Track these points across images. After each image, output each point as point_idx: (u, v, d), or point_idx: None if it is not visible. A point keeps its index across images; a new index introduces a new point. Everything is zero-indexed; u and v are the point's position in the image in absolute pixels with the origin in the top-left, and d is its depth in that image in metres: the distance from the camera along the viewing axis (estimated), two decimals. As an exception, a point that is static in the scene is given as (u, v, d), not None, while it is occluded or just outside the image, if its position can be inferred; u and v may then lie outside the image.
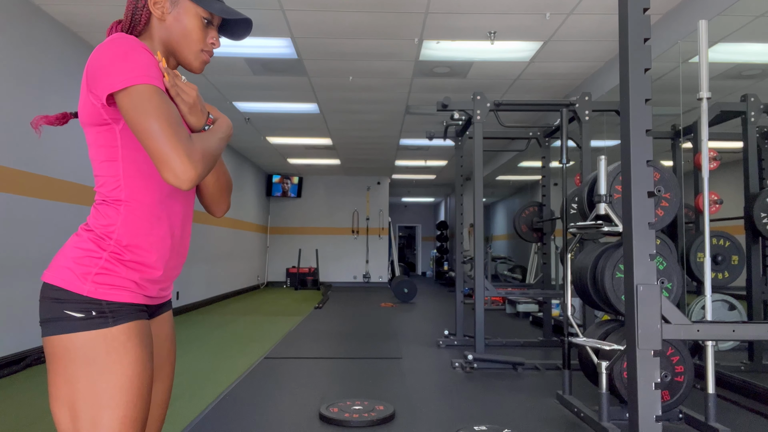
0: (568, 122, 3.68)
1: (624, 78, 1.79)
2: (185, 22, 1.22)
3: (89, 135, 1.18)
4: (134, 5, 1.22)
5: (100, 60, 1.10)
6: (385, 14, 4.51)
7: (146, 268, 1.17)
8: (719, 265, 4.11)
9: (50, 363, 1.11)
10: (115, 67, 1.08)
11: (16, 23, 4.18)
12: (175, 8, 1.22)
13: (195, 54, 1.25)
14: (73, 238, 1.18)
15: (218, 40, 1.28)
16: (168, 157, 1.05)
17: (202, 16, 1.23)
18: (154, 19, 1.22)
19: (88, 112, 1.14)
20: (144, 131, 1.06)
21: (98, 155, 1.17)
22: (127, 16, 1.23)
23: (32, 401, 3.29)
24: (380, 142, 9.59)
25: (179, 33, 1.23)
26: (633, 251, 1.74)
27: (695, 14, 3.98)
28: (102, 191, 1.18)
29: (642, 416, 1.69)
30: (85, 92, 1.14)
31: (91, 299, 1.11)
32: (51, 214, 4.59)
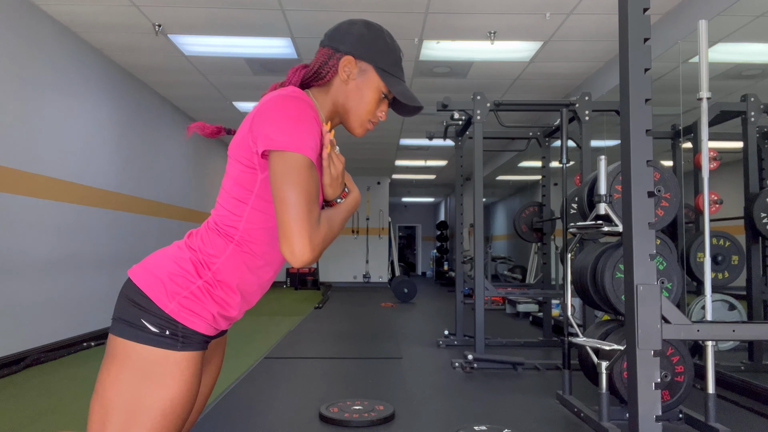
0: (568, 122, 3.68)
1: (624, 78, 1.79)
2: (365, 93, 1.25)
3: (232, 167, 1.19)
4: (325, 60, 1.24)
5: (274, 113, 1.12)
6: (385, 14, 4.51)
7: (228, 307, 1.19)
8: (719, 265, 4.10)
9: (107, 360, 1.13)
10: (284, 127, 1.10)
11: (16, 23, 4.18)
12: (360, 77, 1.24)
13: (362, 122, 1.28)
14: (174, 250, 1.18)
15: (385, 114, 1.31)
16: (292, 234, 1.06)
17: (382, 90, 1.26)
18: (337, 78, 1.25)
19: (241, 149, 1.16)
20: (281, 199, 1.08)
21: (231, 189, 1.18)
22: (313, 67, 1.25)
23: (32, 401, 3.29)
24: (380, 142, 9.59)
25: (356, 100, 1.25)
26: (633, 251, 1.74)
27: (695, 14, 3.98)
28: (219, 220, 1.19)
29: (642, 416, 1.69)
30: (246, 130, 1.15)
31: (171, 319, 1.12)
32: (51, 214, 4.59)
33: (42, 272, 4.49)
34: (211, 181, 9.01)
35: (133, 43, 5.20)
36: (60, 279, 4.74)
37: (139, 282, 1.14)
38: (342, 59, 1.23)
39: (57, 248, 4.69)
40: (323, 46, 1.27)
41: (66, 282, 4.83)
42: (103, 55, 5.48)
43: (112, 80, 5.67)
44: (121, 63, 5.76)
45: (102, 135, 5.48)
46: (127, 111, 5.99)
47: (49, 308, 4.58)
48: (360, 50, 1.24)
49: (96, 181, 5.35)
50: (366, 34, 1.25)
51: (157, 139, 6.83)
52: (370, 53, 1.24)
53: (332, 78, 1.25)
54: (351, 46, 1.24)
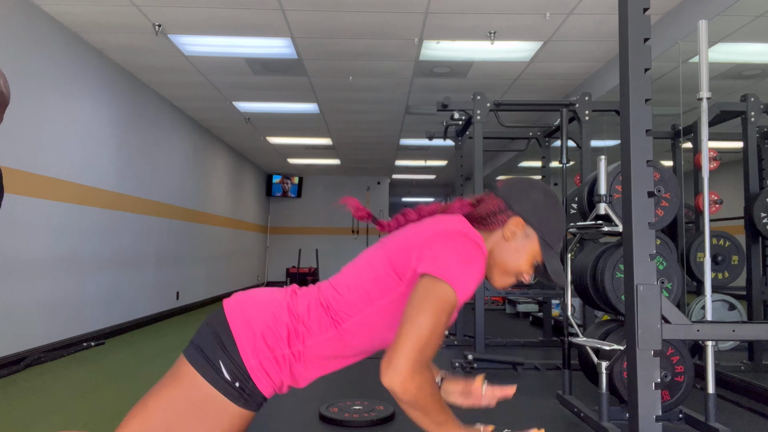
0: (568, 122, 3.68)
1: (624, 78, 1.79)
2: (522, 256, 1.26)
3: (379, 262, 1.19)
4: (495, 210, 1.26)
5: (452, 247, 1.13)
6: (385, 14, 4.51)
7: (298, 382, 1.21)
8: (719, 265, 4.10)
9: (170, 380, 1.13)
10: (453, 263, 1.11)
11: (16, 23, 4.18)
12: (523, 240, 1.25)
13: (505, 280, 1.29)
14: (275, 307, 1.18)
15: (530, 277, 1.31)
16: (400, 357, 1.05)
17: (537, 260, 1.26)
18: (500, 231, 1.25)
19: (400, 255, 1.16)
20: (410, 318, 1.07)
21: (366, 283, 1.18)
22: (481, 212, 1.26)
23: (32, 401, 3.29)
24: (380, 142, 9.59)
25: (510, 259, 1.26)
26: (633, 251, 1.74)
27: (695, 14, 3.98)
28: (333, 303, 1.18)
29: (642, 416, 1.69)
30: (416, 244, 1.15)
31: (246, 373, 1.12)
32: (51, 214, 4.59)
33: (42, 272, 4.49)
34: (211, 182, 9.01)
35: (133, 43, 5.20)
36: (60, 279, 4.73)
37: (233, 325, 1.13)
38: (512, 219, 1.24)
39: (57, 248, 4.69)
40: (497, 195, 1.28)
41: (66, 282, 4.82)
42: (103, 55, 5.48)
43: (112, 80, 5.67)
44: (121, 63, 5.76)
45: (102, 135, 5.48)
46: (127, 111, 5.99)
47: (49, 308, 4.58)
48: (531, 216, 1.25)
49: (96, 181, 5.35)
50: (542, 202, 1.27)
51: (157, 139, 6.82)
52: (540, 222, 1.25)
53: (495, 229, 1.26)
54: (525, 209, 1.25)
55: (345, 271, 1.23)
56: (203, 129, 8.59)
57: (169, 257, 7.15)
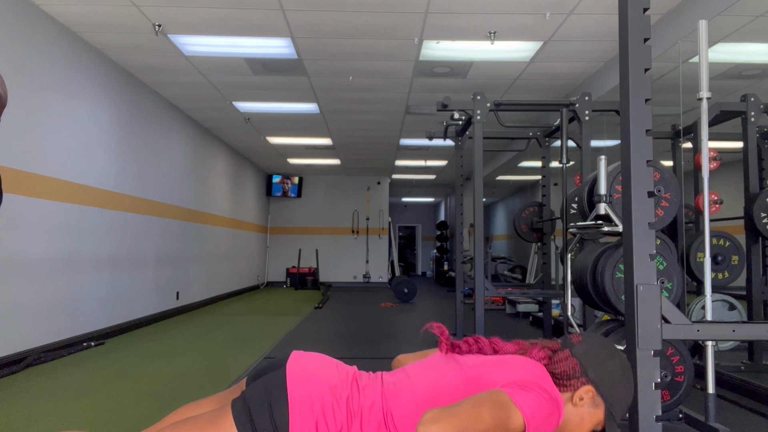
0: (568, 122, 3.68)
1: (624, 78, 1.79)
2: (586, 424, 1.26)
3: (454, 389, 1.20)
4: (570, 374, 1.26)
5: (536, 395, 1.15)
6: (385, 14, 4.51)
7: None
8: (719, 265, 4.10)
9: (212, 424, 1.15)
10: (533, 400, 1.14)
11: (16, 23, 4.18)
12: (590, 408, 1.26)
13: None
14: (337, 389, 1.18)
15: None
16: (443, 425, 1.06)
17: (597, 428, 1.27)
18: (569, 393, 1.26)
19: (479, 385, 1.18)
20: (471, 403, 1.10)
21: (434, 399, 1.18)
22: (555, 371, 1.27)
23: (32, 401, 3.29)
24: (380, 142, 9.59)
25: (573, 424, 1.26)
26: (633, 251, 1.74)
27: (695, 14, 3.98)
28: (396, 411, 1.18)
29: (642, 416, 1.69)
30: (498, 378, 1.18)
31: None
32: (51, 214, 4.59)
33: (42, 272, 4.49)
34: (211, 182, 9.01)
35: (133, 43, 5.20)
36: (60, 279, 4.73)
37: (292, 402, 1.13)
38: (585, 387, 1.24)
39: (57, 248, 4.69)
40: (574, 356, 1.28)
41: (66, 282, 4.82)
42: (103, 55, 5.48)
43: (112, 80, 5.67)
44: (121, 63, 5.76)
45: (102, 135, 5.48)
46: (126, 111, 5.99)
47: (49, 308, 4.58)
48: (605, 388, 1.25)
49: (96, 181, 5.35)
50: (619, 376, 1.27)
51: (157, 139, 6.82)
52: (612, 397, 1.25)
53: (565, 390, 1.26)
54: (600, 378, 1.25)
55: (413, 378, 1.20)
56: (203, 129, 8.59)
57: (169, 257, 7.15)
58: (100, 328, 5.35)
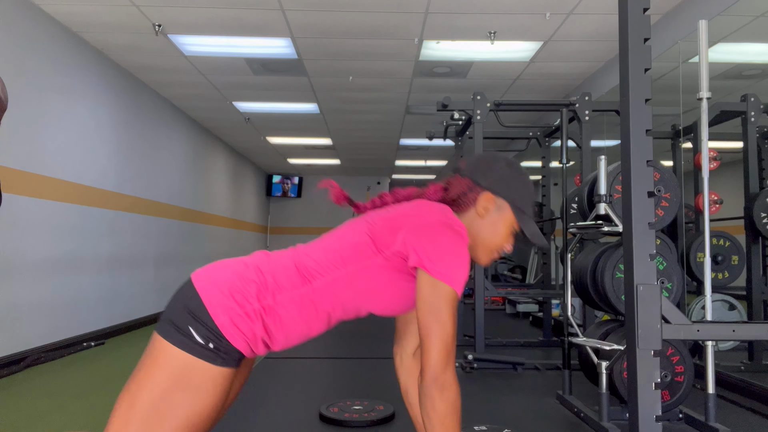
0: (568, 122, 3.68)
1: (624, 78, 1.79)
2: (499, 229, 1.29)
3: (359, 232, 1.23)
4: (465, 192, 1.28)
5: (438, 241, 1.16)
6: (385, 14, 4.51)
7: (272, 338, 1.21)
8: (719, 265, 4.10)
9: (147, 359, 1.14)
10: (448, 258, 1.16)
11: (16, 23, 4.18)
12: (497, 213, 1.28)
13: (490, 254, 1.32)
14: (241, 267, 1.21)
15: (512, 246, 1.34)
16: (437, 367, 1.16)
17: (515, 228, 1.29)
18: (473, 209, 1.28)
19: (382, 235, 1.20)
20: (430, 327, 1.16)
21: (343, 248, 1.22)
22: (452, 195, 1.29)
23: (32, 401, 3.29)
24: (380, 142, 9.59)
25: (489, 234, 1.29)
26: (633, 251, 1.74)
27: (695, 14, 3.98)
28: (307, 263, 1.21)
29: (642, 416, 1.69)
30: (398, 229, 1.19)
31: (218, 332, 1.13)
32: (51, 214, 4.59)
33: (42, 272, 4.48)
34: (211, 182, 9.01)
35: (133, 43, 5.20)
36: (60, 279, 4.73)
37: (199, 287, 1.15)
38: (482, 195, 1.27)
39: (57, 248, 4.69)
40: (462, 176, 1.30)
41: (66, 282, 4.82)
42: (103, 55, 5.48)
43: (112, 80, 5.67)
44: (121, 63, 5.76)
45: (102, 135, 5.48)
46: (126, 111, 5.99)
47: (49, 308, 4.58)
48: (500, 188, 1.28)
49: (96, 181, 5.35)
50: (507, 173, 1.30)
51: (156, 139, 6.82)
52: (510, 192, 1.28)
53: (468, 209, 1.28)
54: (492, 183, 1.28)
55: (323, 237, 1.26)
56: (203, 129, 8.59)
57: (169, 257, 7.15)
58: (100, 328, 5.35)
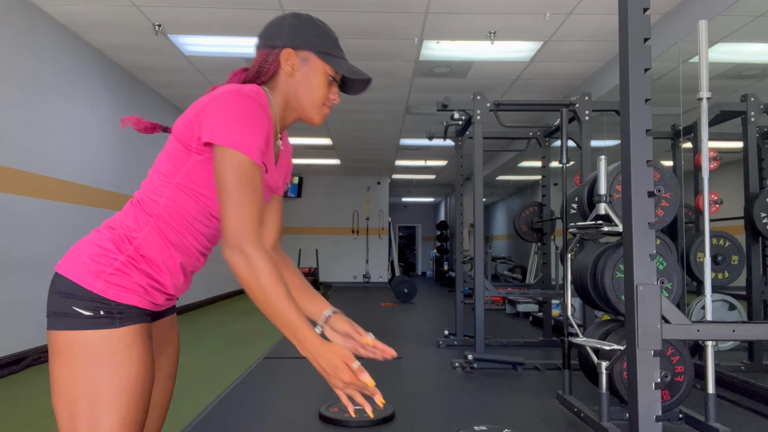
0: (568, 122, 3.68)
1: (624, 78, 1.79)
2: (312, 80, 1.25)
3: (169, 144, 1.20)
4: (264, 59, 1.24)
5: (222, 106, 1.12)
6: (385, 14, 4.51)
7: (158, 282, 1.18)
8: (719, 265, 4.10)
9: (53, 358, 1.12)
10: (231, 123, 1.10)
11: (16, 23, 4.18)
12: (304, 65, 1.24)
13: (318, 109, 1.27)
14: (93, 234, 1.18)
15: (338, 96, 1.31)
16: (236, 235, 1.07)
17: (329, 74, 1.25)
18: (282, 73, 1.25)
19: (183, 130, 1.17)
20: (227, 198, 1.09)
21: (162, 166, 1.19)
22: (254, 68, 1.25)
23: (32, 401, 3.29)
24: (380, 142, 9.59)
25: (305, 89, 1.25)
26: (633, 251, 1.74)
27: (695, 14, 3.98)
28: (141, 196, 1.19)
29: (642, 416, 1.69)
30: (194, 114, 1.15)
31: (101, 298, 1.11)
32: (51, 214, 4.59)
33: (42, 272, 4.48)
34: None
35: (133, 43, 5.20)
36: (60, 279, 4.73)
37: (63, 270, 1.14)
38: (282, 53, 1.23)
39: (57, 248, 4.69)
40: (259, 49, 1.27)
41: (66, 282, 4.82)
42: (103, 55, 5.48)
43: (112, 80, 5.67)
44: (121, 63, 5.76)
45: (102, 135, 5.48)
46: (126, 111, 5.98)
47: (49, 308, 4.58)
48: (297, 40, 1.24)
49: (96, 181, 5.35)
50: (298, 23, 1.26)
51: (157, 139, 6.82)
52: (308, 40, 1.24)
53: (275, 74, 1.25)
54: (287, 39, 1.24)
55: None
56: (203, 129, 8.59)
57: (169, 257, 7.15)
58: (100, 328, 5.34)
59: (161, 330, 1.28)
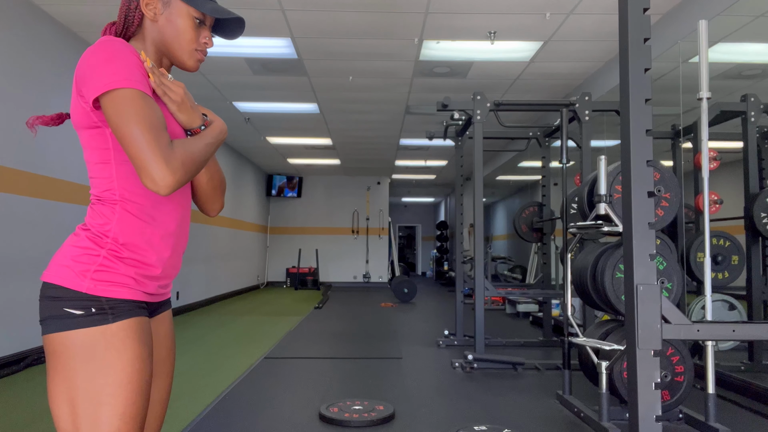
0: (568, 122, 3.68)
1: (624, 78, 1.79)
2: (177, 23, 1.23)
3: (82, 137, 1.18)
4: (127, 7, 1.23)
5: (87, 63, 1.11)
6: (385, 14, 4.51)
7: (144, 266, 1.18)
8: (719, 265, 4.11)
9: (50, 361, 1.11)
10: (100, 70, 1.09)
11: (17, 23, 4.18)
12: (167, 9, 1.23)
13: (189, 53, 1.26)
14: (71, 238, 1.18)
15: (211, 40, 1.29)
16: (146, 163, 1.06)
17: (194, 16, 1.24)
18: (146, 20, 1.23)
19: (79, 115, 1.15)
20: (124, 136, 1.07)
21: (92, 157, 1.18)
22: (120, 18, 1.24)
23: (32, 401, 3.29)
24: (380, 142, 9.59)
25: (172, 34, 1.23)
26: (633, 251, 1.74)
27: (695, 14, 3.98)
28: (96, 192, 1.19)
29: (642, 416, 1.69)
30: (75, 95, 1.15)
31: (91, 296, 1.11)
32: (51, 214, 4.59)
33: (42, 272, 4.48)
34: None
35: (133, 43, 5.19)
36: (60, 279, 4.73)
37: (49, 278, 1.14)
38: (141, 1, 1.22)
39: (57, 248, 4.69)
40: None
41: (66, 282, 4.82)
42: (103, 55, 5.48)
43: (112, 80, 5.67)
44: (121, 63, 5.75)
45: (102, 135, 5.48)
46: (127, 111, 5.98)
47: (49, 308, 4.58)
48: None
49: (96, 181, 5.34)
50: None
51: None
52: None
53: (141, 22, 1.23)
54: None
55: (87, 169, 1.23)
56: (203, 129, 8.58)
57: (169, 257, 7.14)
58: (100, 328, 5.34)
59: (157, 326, 1.28)
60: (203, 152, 1.17)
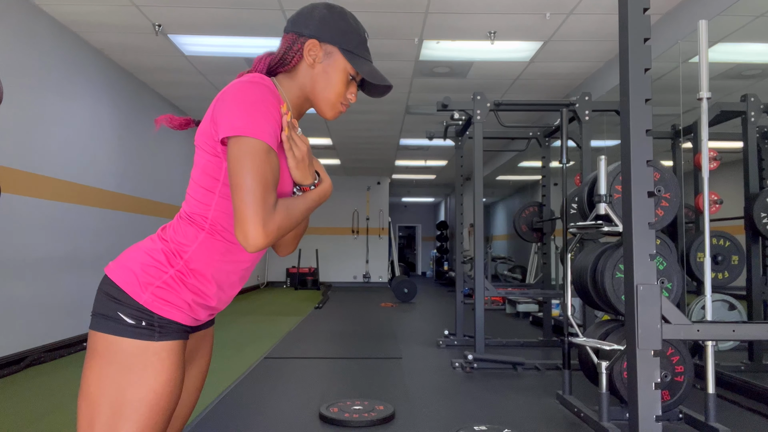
0: (568, 122, 3.68)
1: (624, 78, 1.79)
2: (332, 76, 1.23)
3: (199, 157, 1.19)
4: (289, 46, 1.24)
5: (231, 98, 1.12)
6: (385, 14, 4.51)
7: (204, 296, 1.18)
8: (719, 265, 4.10)
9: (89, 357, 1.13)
10: (240, 111, 1.10)
11: (16, 23, 4.18)
12: (327, 59, 1.23)
13: (333, 105, 1.26)
14: (146, 242, 1.19)
15: (356, 96, 1.29)
16: (245, 219, 1.06)
17: (349, 72, 1.24)
18: (303, 63, 1.24)
19: (205, 137, 1.16)
20: (236, 184, 1.07)
21: (199, 179, 1.18)
22: (279, 54, 1.25)
23: (32, 401, 3.29)
24: (380, 142, 9.59)
25: (323, 84, 1.24)
26: (633, 251, 1.74)
27: (695, 14, 3.98)
28: (189, 210, 1.19)
29: (642, 416, 1.69)
30: (209, 118, 1.15)
31: (145, 309, 1.12)
32: (51, 214, 4.59)
33: (42, 272, 4.49)
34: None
35: (133, 43, 5.20)
36: (60, 279, 4.73)
37: (114, 276, 1.14)
38: (306, 43, 1.22)
39: (57, 248, 4.69)
40: (287, 33, 1.26)
41: (66, 282, 4.82)
42: (103, 55, 5.48)
43: (112, 80, 5.67)
44: (121, 63, 5.75)
45: (102, 135, 5.48)
46: (126, 111, 5.99)
47: (49, 308, 4.58)
48: (324, 33, 1.22)
49: (96, 181, 5.35)
50: (328, 16, 1.24)
51: (156, 139, 6.82)
52: (334, 35, 1.23)
53: (298, 63, 1.24)
54: (314, 29, 1.23)
55: (189, 184, 1.23)
56: (203, 129, 8.59)
57: (169, 257, 7.14)
58: (100, 328, 5.34)
59: (195, 342, 1.29)
60: (302, 215, 1.18)
